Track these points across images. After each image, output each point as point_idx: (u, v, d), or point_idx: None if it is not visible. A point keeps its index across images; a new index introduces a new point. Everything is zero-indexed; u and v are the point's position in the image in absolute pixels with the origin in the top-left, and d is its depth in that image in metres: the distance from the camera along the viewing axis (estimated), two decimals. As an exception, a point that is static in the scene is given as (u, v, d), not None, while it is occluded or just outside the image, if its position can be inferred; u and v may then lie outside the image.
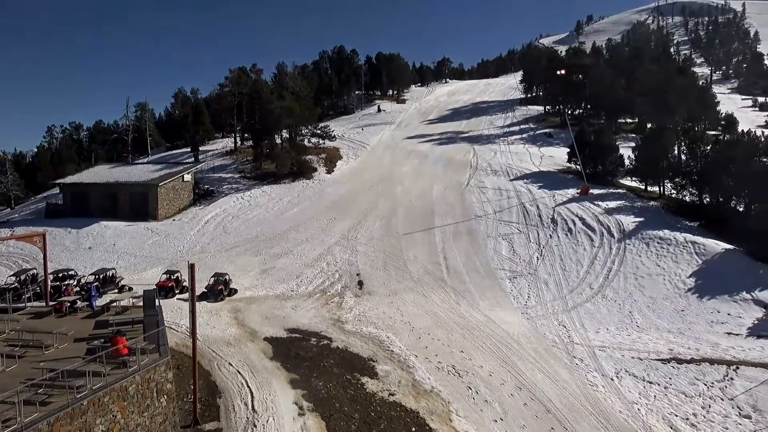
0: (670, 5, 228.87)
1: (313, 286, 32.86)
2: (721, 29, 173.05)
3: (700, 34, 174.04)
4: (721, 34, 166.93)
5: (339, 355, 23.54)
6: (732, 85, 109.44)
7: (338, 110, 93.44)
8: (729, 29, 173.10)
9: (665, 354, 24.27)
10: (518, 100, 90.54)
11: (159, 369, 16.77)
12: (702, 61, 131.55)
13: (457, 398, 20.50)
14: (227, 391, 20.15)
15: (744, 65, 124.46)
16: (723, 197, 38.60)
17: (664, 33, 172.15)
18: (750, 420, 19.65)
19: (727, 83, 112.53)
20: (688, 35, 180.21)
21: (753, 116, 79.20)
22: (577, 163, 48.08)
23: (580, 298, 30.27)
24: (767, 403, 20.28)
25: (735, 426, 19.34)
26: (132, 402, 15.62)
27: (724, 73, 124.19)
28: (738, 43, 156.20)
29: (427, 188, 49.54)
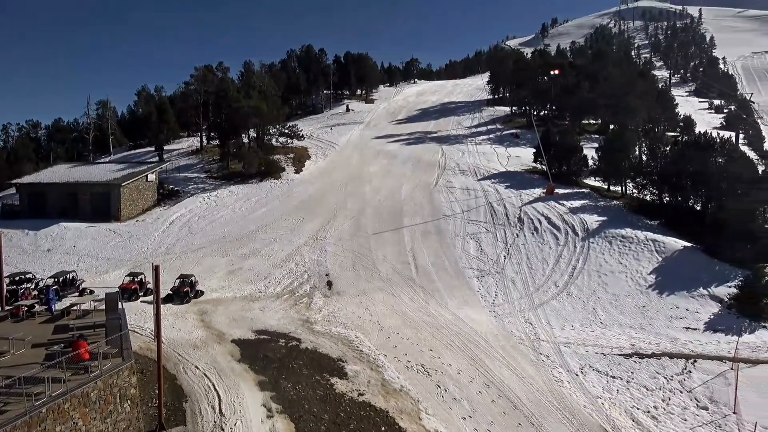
0: (631, 10, 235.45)
1: (282, 286, 32.57)
2: (679, 34, 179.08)
3: (660, 39, 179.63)
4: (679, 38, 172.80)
5: (308, 355, 23.39)
6: (690, 88, 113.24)
7: (307, 110, 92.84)
8: (687, 34, 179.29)
9: (627, 349, 24.97)
10: (485, 100, 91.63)
11: (122, 374, 16.35)
12: (661, 65, 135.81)
13: (426, 397, 20.62)
14: (194, 394, 19.79)
15: (701, 69, 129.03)
16: (681, 196, 39.89)
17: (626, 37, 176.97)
18: (707, 411, 20.39)
19: (685, 86, 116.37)
20: (648, 39, 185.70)
21: (709, 118, 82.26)
22: (543, 163, 48.96)
23: (546, 296, 30.85)
24: (723, 394, 21.08)
25: (693, 417, 20.04)
26: (94, 408, 15.19)
27: (682, 76, 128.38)
28: (695, 47, 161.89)
29: (395, 188, 49.68)
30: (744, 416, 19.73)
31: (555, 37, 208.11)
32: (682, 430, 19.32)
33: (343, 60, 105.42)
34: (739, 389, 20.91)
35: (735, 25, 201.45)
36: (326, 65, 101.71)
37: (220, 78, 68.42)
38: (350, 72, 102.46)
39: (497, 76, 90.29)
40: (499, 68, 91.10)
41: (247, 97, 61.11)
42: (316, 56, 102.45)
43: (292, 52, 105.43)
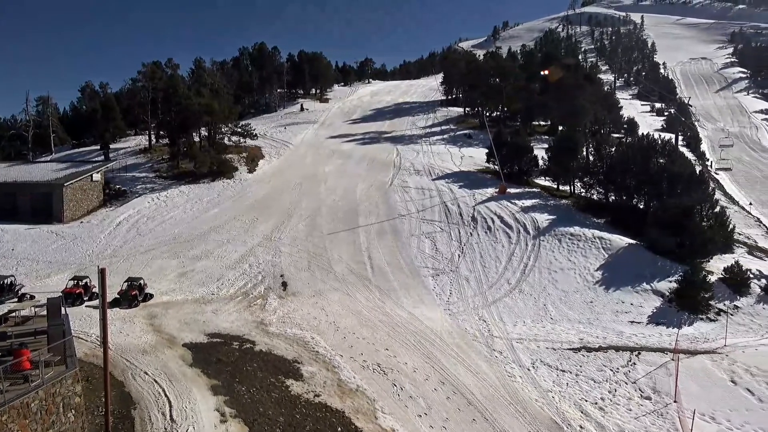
0: (578, 15, 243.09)
1: (235, 288, 31.97)
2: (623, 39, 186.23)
3: (605, 44, 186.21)
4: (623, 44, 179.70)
5: (262, 358, 23.05)
6: (633, 92, 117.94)
7: (260, 108, 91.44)
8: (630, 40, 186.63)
9: (576, 343, 25.80)
10: (439, 101, 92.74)
11: (66, 382, 15.64)
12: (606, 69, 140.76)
13: (383, 396, 20.68)
14: (143, 401, 19.16)
15: (643, 73, 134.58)
16: (626, 195, 41.57)
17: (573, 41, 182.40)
18: (650, 401, 21.32)
19: (628, 90, 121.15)
20: (594, 44, 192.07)
21: (651, 120, 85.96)
22: (495, 163, 49.97)
23: (499, 293, 31.50)
24: (665, 384, 22.08)
25: (637, 407, 20.91)
26: (35, 419, 14.47)
27: (626, 80, 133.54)
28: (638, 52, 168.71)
29: (351, 188, 49.61)
30: (684, 404, 20.72)
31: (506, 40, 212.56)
32: (627, 420, 20.12)
33: (297, 59, 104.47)
34: (680, 379, 21.96)
35: (674, 32, 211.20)
36: (280, 64, 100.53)
37: (169, 75, 66.48)
38: (304, 71, 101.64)
39: (450, 77, 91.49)
40: (452, 69, 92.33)
41: (197, 95, 59.67)
42: (270, 54, 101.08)
43: (244, 50, 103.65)
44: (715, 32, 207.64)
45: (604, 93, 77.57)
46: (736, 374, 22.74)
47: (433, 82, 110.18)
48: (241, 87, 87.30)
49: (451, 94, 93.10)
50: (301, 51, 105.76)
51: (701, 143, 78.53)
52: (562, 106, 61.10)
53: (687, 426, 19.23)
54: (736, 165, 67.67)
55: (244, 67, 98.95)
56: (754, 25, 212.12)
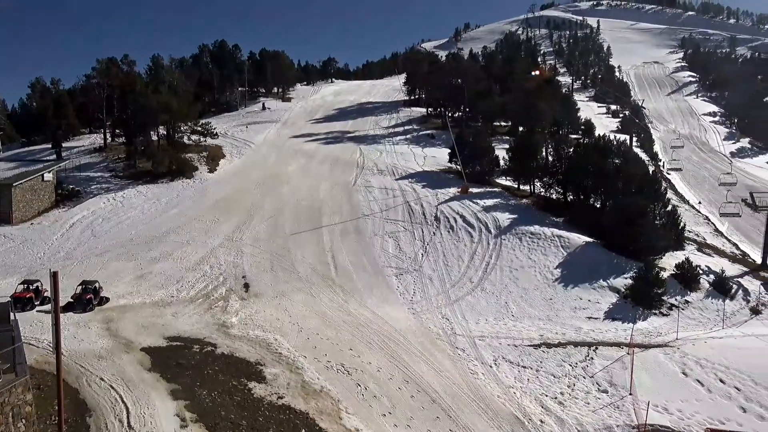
0: (537, 18, 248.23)
1: (196, 290, 31.31)
2: (580, 43, 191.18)
3: (563, 47, 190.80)
4: (580, 47, 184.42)
5: (224, 361, 22.66)
6: (590, 94, 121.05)
7: (221, 107, 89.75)
8: (587, 43, 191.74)
9: (537, 340, 26.38)
10: (402, 101, 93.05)
11: (15, 391, 14.99)
12: (564, 71, 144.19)
13: (347, 396, 20.65)
14: (99, 408, 18.55)
15: (599, 76, 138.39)
16: (583, 195, 42.73)
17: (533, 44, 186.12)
18: (607, 394, 22.00)
19: (585, 92, 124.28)
20: (553, 47, 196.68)
21: (607, 122, 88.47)
22: (458, 163, 50.53)
23: (462, 292, 31.89)
24: (620, 378, 22.82)
25: (595, 400, 21.55)
26: (-18, 430, 13.84)
27: (583, 82, 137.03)
28: (594, 56, 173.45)
29: (314, 187, 49.31)
30: (639, 397, 21.46)
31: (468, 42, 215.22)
32: (585, 413, 20.70)
33: (259, 57, 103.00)
34: (634, 372, 22.75)
35: (628, 36, 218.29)
36: (241, 62, 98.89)
37: (125, 72, 64.53)
38: (266, 69, 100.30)
39: (413, 77, 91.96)
40: (415, 70, 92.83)
41: (155, 93, 58.16)
42: (230, 52, 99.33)
43: (204, 47, 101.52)
44: (667, 37, 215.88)
45: (563, 95, 79.47)
46: (687, 366, 23.70)
47: (396, 82, 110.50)
48: (201, 85, 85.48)
49: (414, 94, 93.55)
50: (263, 49, 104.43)
51: (654, 144, 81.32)
52: (521, 108, 62.26)
53: (641, 417, 19.92)
54: (686, 165, 70.36)
55: (204, 65, 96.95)
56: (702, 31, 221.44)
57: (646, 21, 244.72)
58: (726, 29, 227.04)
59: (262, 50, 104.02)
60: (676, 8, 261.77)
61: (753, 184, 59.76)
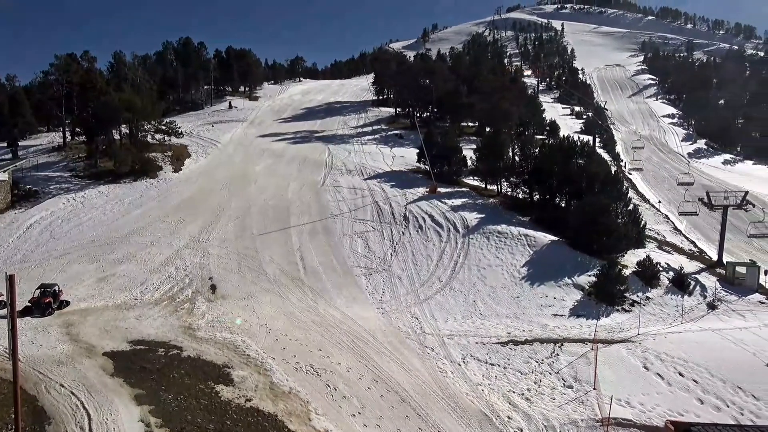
0: (503, 20, 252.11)
1: (161, 292, 30.64)
2: (545, 45, 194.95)
3: (528, 48, 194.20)
4: (545, 49, 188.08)
5: (190, 364, 22.24)
6: (554, 95, 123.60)
7: (186, 105, 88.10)
8: (551, 45, 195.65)
9: (504, 337, 26.75)
10: (370, 101, 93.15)
11: (-31, 399, 14.41)
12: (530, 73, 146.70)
13: (316, 397, 20.53)
14: (58, 416, 17.97)
15: (563, 78, 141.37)
16: (548, 194, 43.54)
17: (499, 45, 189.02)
18: (572, 389, 22.47)
19: (550, 93, 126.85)
20: (519, 48, 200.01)
21: (571, 123, 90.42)
22: (426, 163, 50.83)
23: (431, 291, 32.09)
24: (585, 373, 23.34)
25: (560, 396, 21.98)
26: (-67, 441, 13.24)
27: (548, 84, 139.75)
28: (558, 58, 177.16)
29: (282, 187, 48.87)
30: (602, 391, 21.99)
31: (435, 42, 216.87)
32: (551, 409, 21.09)
33: (225, 55, 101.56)
34: (598, 367, 23.30)
35: (591, 39, 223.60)
36: (207, 60, 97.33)
37: (86, 68, 62.64)
38: (233, 68, 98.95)
39: (382, 77, 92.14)
40: (383, 70, 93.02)
41: (118, 90, 56.73)
42: (196, 50, 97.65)
43: (168, 44, 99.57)
44: (628, 41, 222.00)
45: (528, 96, 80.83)
46: (648, 360, 24.40)
47: (365, 82, 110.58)
48: (165, 83, 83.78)
49: (383, 94, 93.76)
50: (230, 47, 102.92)
51: (616, 145, 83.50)
52: (488, 108, 63.05)
53: (605, 411, 20.42)
54: (647, 165, 72.49)
55: (168, 63, 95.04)
56: (661, 36, 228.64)
57: (608, 25, 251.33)
58: (684, 34, 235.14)
59: (229, 48, 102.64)
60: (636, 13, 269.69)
61: (709, 184, 61.94)
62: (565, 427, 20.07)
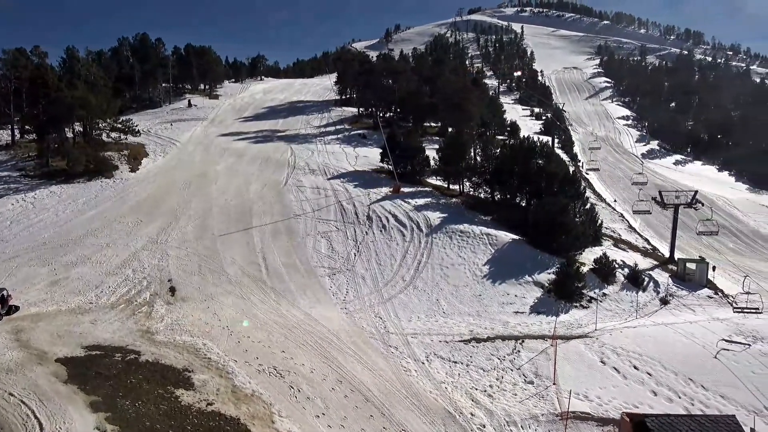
0: (465, 22, 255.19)
1: (117, 296, 29.73)
2: (505, 47, 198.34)
3: (489, 50, 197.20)
4: (505, 51, 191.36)
5: (149, 368, 21.67)
6: (515, 97, 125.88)
7: (143, 103, 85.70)
8: (511, 48, 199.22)
9: (467, 335, 27.10)
10: (333, 101, 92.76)
11: None
12: (491, 74, 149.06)
13: (279, 399, 20.34)
14: (7, 426, 17.21)
15: (523, 80, 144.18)
16: (509, 194, 44.33)
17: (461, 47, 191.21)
18: (533, 385, 22.96)
19: (510, 95, 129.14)
20: (480, 50, 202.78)
21: (531, 124, 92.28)
22: (389, 163, 50.97)
23: (394, 290, 32.22)
24: (545, 369, 23.89)
25: (522, 391, 22.43)
26: None
27: (508, 85, 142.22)
28: (518, 60, 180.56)
29: (243, 187, 48.17)
30: (561, 386, 22.56)
31: (398, 43, 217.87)
32: (513, 404, 21.50)
33: (184, 52, 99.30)
34: (558, 363, 23.89)
35: (549, 42, 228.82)
36: (165, 56, 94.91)
37: (36, 64, 60.22)
38: (192, 65, 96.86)
39: (345, 77, 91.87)
40: (346, 69, 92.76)
41: (70, 87, 54.72)
42: (153, 46, 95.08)
43: (124, 40, 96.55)
44: (585, 44, 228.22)
45: (490, 97, 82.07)
46: (605, 355, 25.18)
47: (328, 81, 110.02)
48: (121, 80, 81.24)
49: (346, 94, 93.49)
50: (189, 44, 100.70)
51: (574, 146, 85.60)
52: (450, 109, 63.71)
53: (564, 405, 20.94)
54: (603, 166, 74.67)
55: (124, 59, 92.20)
56: (616, 39, 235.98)
57: (566, 28, 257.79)
58: (637, 38, 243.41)
59: (188, 45, 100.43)
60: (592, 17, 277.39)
61: (662, 184, 64.31)
62: (526, 422, 20.51)
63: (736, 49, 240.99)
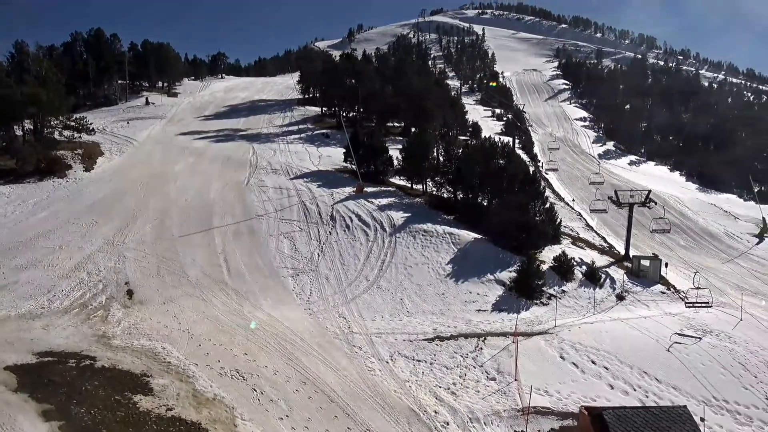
0: (427, 23, 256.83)
1: (71, 300, 28.72)
2: (467, 48, 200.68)
3: (452, 52, 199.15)
4: (467, 52, 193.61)
5: (105, 374, 21.02)
6: (476, 98, 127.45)
7: (98, 101, 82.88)
8: (473, 49, 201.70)
9: (430, 334, 27.32)
10: (296, 100, 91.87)
11: None
12: (453, 75, 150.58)
13: (242, 402, 20.05)
14: (-47, 438, 16.44)
15: (485, 81, 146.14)
16: (472, 193, 44.87)
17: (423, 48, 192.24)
18: (495, 381, 23.35)
19: (472, 95, 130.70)
20: (442, 51, 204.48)
21: (492, 125, 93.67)
22: (353, 163, 50.88)
23: (358, 290, 32.20)
24: (507, 365, 24.33)
25: (484, 388, 22.79)
26: None
27: (470, 86, 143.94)
28: (480, 62, 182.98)
29: (204, 187, 47.22)
30: (523, 382, 23.01)
31: (361, 43, 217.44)
32: (475, 401, 21.81)
33: (141, 48, 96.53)
34: (519, 359, 24.36)
35: (510, 44, 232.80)
36: (121, 53, 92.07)
37: (-18, 58, 57.54)
38: (149, 62, 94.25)
39: (307, 76, 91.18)
40: (309, 69, 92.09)
41: (20, 83, 52.49)
42: (109, 42, 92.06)
43: (77, 35, 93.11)
44: (544, 47, 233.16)
45: (452, 98, 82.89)
46: (564, 350, 25.82)
47: (290, 80, 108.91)
48: (74, 76, 78.38)
49: (309, 93, 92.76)
50: (146, 40, 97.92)
51: (534, 146, 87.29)
52: (413, 109, 64.07)
53: (525, 401, 21.37)
54: (561, 166, 76.38)
55: (78, 54, 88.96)
56: (573, 43, 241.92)
57: (526, 31, 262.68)
58: (594, 42, 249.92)
59: (145, 42, 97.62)
60: (551, 20, 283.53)
61: (617, 183, 66.26)
62: (489, 418, 20.84)
63: (686, 53, 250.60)
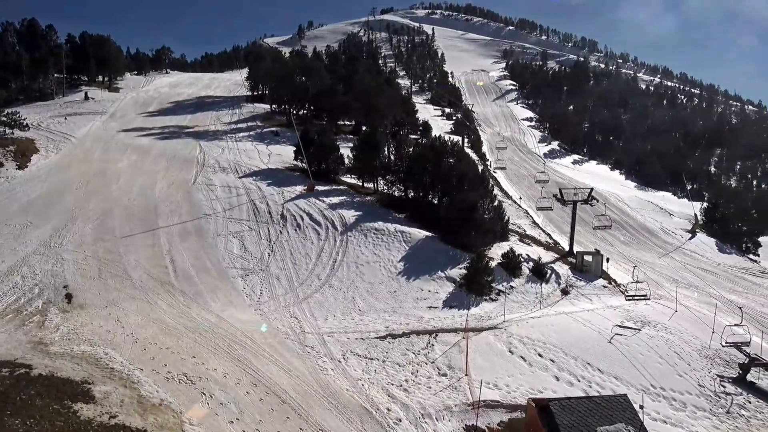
0: (377, 21, 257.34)
1: (3, 305, 27.16)
2: (417, 48, 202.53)
3: (402, 51, 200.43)
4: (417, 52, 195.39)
5: (42, 383, 19.97)
6: (426, 97, 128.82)
7: (32, 95, 78.55)
8: (423, 49, 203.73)
9: (383, 331, 27.44)
10: (245, 97, 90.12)
11: None
12: (404, 74, 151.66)
13: (190, 406, 19.52)
14: None
15: (435, 80, 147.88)
16: (422, 192, 45.35)
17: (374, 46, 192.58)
18: (446, 377, 23.71)
19: (423, 95, 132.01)
20: (393, 50, 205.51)
21: (442, 124, 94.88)
22: (303, 161, 50.39)
23: (310, 290, 31.96)
24: (457, 361, 24.75)
25: (436, 384, 23.10)
26: None
27: (420, 86, 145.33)
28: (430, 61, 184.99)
29: (148, 186, 45.64)
30: (473, 376, 23.48)
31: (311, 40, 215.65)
32: (427, 397, 22.08)
33: (80, 41, 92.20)
34: (469, 354, 24.84)
35: (459, 45, 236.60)
36: (57, 45, 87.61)
37: None
38: (89, 55, 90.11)
39: (256, 72, 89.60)
40: (258, 65, 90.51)
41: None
42: (44, 33, 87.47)
43: (9, 26, 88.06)
44: (491, 48, 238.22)
45: (403, 97, 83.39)
46: (512, 345, 26.51)
47: (238, 76, 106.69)
48: (6, 68, 74.11)
49: (258, 90, 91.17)
50: (85, 32, 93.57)
51: (482, 145, 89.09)
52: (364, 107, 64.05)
53: (476, 395, 21.81)
54: (509, 165, 78.26)
55: (9, 46, 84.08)
56: (520, 45, 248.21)
57: (474, 32, 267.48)
58: (539, 44, 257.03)
59: (84, 34, 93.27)
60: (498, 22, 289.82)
61: (561, 182, 68.55)
62: (441, 413, 21.15)
63: (625, 57, 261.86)
